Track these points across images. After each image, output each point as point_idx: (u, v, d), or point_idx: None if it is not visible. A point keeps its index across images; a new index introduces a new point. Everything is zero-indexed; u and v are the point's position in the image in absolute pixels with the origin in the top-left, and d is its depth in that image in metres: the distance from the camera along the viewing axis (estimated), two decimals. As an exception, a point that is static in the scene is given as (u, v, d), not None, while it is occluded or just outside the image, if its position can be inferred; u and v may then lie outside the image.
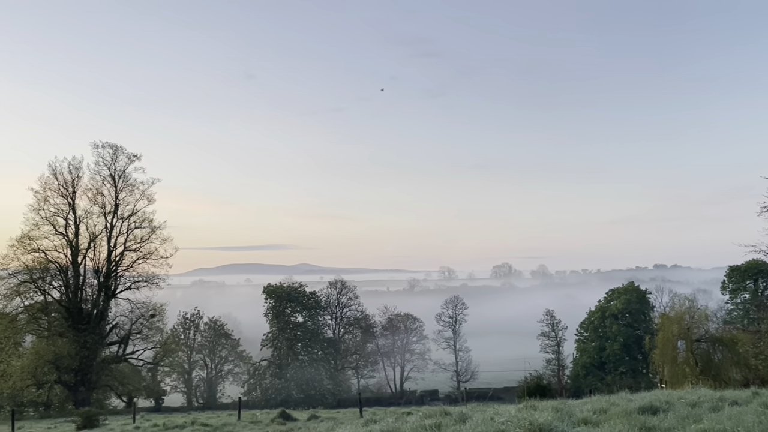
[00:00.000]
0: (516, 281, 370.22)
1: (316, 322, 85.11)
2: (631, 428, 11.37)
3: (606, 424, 11.91)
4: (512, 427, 11.54)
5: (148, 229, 70.31)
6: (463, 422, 13.13)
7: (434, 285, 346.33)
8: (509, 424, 11.93)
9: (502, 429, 11.60)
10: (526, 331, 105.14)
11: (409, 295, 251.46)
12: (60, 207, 67.04)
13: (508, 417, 12.95)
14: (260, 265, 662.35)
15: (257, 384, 78.91)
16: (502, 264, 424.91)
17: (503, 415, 13.72)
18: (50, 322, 67.63)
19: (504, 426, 11.77)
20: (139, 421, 38.01)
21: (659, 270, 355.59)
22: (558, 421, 12.05)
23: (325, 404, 70.43)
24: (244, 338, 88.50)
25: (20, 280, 64.59)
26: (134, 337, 72.06)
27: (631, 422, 11.82)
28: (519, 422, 11.72)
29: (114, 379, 69.21)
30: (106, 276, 68.64)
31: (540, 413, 12.96)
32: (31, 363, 62.81)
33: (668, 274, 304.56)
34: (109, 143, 69.52)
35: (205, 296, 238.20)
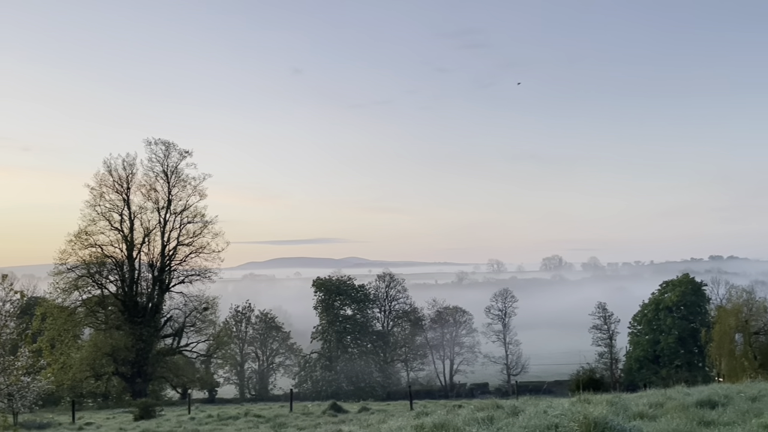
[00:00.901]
0: (566, 274, 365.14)
1: (365, 315, 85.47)
2: (689, 422, 11.13)
3: (663, 419, 11.68)
4: (566, 421, 11.40)
5: (200, 224, 71.57)
6: (516, 415, 13.04)
7: (483, 278, 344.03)
8: (563, 417, 11.79)
9: (555, 422, 11.47)
10: (577, 324, 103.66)
11: (457, 288, 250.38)
12: (115, 203, 68.69)
13: (561, 410, 12.80)
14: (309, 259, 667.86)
15: (308, 376, 79.73)
16: (552, 256, 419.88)
17: (556, 408, 13.57)
18: (107, 316, 69.48)
19: (557, 419, 11.63)
20: (194, 412, 38.78)
21: (715, 261, 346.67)
22: (613, 414, 11.86)
23: (375, 397, 70.79)
24: (294, 331, 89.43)
25: (78, 275, 66.49)
26: (188, 329, 73.58)
27: (689, 416, 11.57)
28: (573, 416, 11.57)
29: (169, 370, 70.77)
30: (160, 270, 70.12)
31: (594, 407, 12.79)
32: (89, 355, 64.70)
33: (724, 265, 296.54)
34: (162, 140, 70.89)
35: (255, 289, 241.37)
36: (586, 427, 10.77)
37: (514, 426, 11.45)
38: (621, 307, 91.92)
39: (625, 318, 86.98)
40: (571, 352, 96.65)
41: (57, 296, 65.79)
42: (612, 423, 11.02)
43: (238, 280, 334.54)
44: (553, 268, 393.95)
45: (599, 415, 11.16)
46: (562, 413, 12.28)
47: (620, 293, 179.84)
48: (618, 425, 11.05)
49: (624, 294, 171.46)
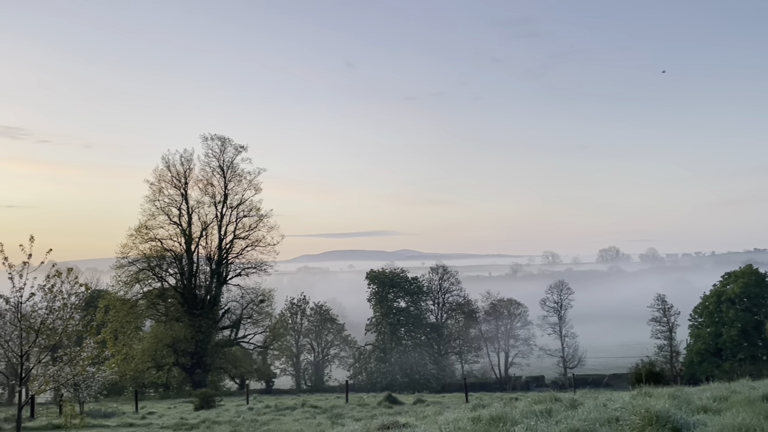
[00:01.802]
0: (624, 265, 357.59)
1: (419, 307, 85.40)
2: (756, 416, 10.79)
3: (728, 413, 11.35)
4: (627, 414, 11.19)
5: (256, 218, 72.64)
6: (575, 408, 12.86)
7: (537, 270, 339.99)
8: (623, 410, 11.58)
9: (616, 416, 11.28)
10: (635, 317, 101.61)
11: (511, 281, 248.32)
12: (174, 198, 70.21)
13: (621, 403, 12.58)
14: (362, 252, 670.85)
15: (362, 368, 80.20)
16: (608, 248, 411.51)
17: (616, 401, 13.34)
18: (167, 308, 71.16)
19: (618, 412, 11.44)
20: (252, 402, 39.45)
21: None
22: (675, 408, 11.60)
23: (430, 389, 70.82)
24: (348, 323, 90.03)
25: (139, 268, 68.27)
26: (245, 321, 74.87)
27: (756, 410, 11.21)
28: (634, 409, 11.35)
29: (227, 361, 72.13)
30: (217, 263, 71.42)
31: (656, 400, 12.52)
32: (150, 346, 66.44)
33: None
34: (218, 135, 72.12)
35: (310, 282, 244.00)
36: (648, 421, 10.56)
37: (573, 419, 11.30)
38: (681, 299, 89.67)
39: (685, 310, 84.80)
40: (628, 345, 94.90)
41: (119, 289, 67.65)
42: (675, 417, 10.77)
43: (293, 272, 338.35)
44: (609, 259, 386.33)
45: (661, 409, 10.92)
46: (623, 406, 12.06)
47: (680, 285, 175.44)
48: (681, 419, 10.80)
49: (684, 286, 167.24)
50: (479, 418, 12.47)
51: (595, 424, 10.78)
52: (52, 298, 20.54)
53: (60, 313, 20.65)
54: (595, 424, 10.78)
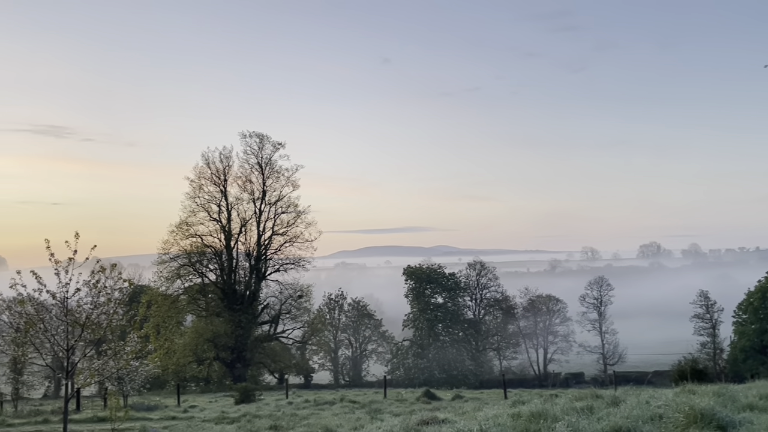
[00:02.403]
0: (665, 261, 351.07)
1: (456, 303, 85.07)
2: (805, 415, 10.56)
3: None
4: (670, 412, 11.04)
5: (294, 214, 73.21)
6: (616, 405, 12.72)
7: (577, 266, 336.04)
8: (667, 408, 11.42)
9: (659, 413, 11.13)
10: (677, 313, 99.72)
11: (550, 276, 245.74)
12: (213, 194, 71.16)
13: (664, 401, 12.40)
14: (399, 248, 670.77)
15: (400, 363, 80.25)
16: (649, 243, 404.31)
17: (659, 398, 13.15)
18: (208, 303, 72.20)
19: (661, 410, 11.29)
20: (291, 397, 39.85)
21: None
22: (720, 406, 11.39)
23: (468, 385, 70.54)
24: (386, 318, 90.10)
25: (180, 264, 69.37)
26: (284, 316, 75.58)
27: (804, 409, 10.97)
28: (677, 407, 11.18)
29: (267, 356, 72.91)
30: (256, 259, 72.18)
31: (700, 398, 12.31)
32: (192, 341, 67.47)
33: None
34: (256, 132, 72.82)
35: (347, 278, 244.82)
36: (692, 419, 10.40)
37: (615, 416, 11.17)
38: (724, 295, 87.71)
39: (729, 307, 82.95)
40: (670, 341, 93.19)
41: (161, 284, 68.84)
42: (720, 414, 10.59)
43: (331, 268, 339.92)
44: (650, 255, 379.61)
45: (706, 406, 10.74)
46: (666, 404, 11.90)
47: (723, 281, 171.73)
48: (726, 417, 10.60)
49: (728, 281, 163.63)
50: (519, 414, 12.41)
51: (638, 422, 10.64)
52: (96, 294, 20.98)
53: (104, 308, 21.08)
54: (638, 422, 10.64)
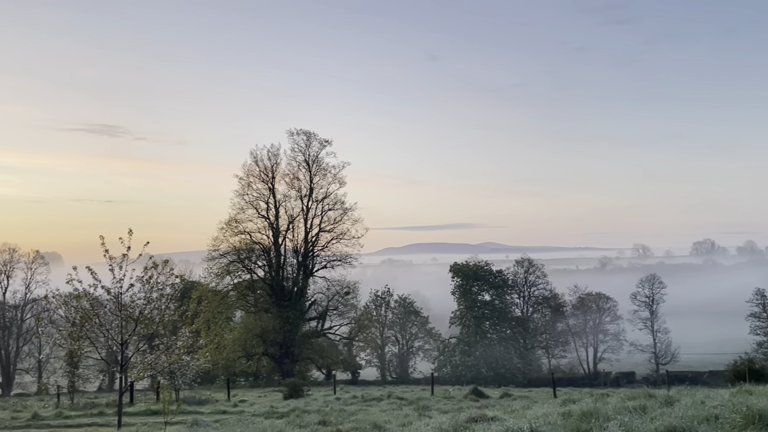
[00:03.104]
0: (720, 258, 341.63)
1: (504, 300, 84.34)
2: None
3: (838, 413, 10.70)
4: (727, 412, 10.73)
5: (340, 211, 73.73)
6: (670, 405, 12.44)
7: (627, 263, 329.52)
8: (723, 408, 11.11)
9: (715, 413, 10.83)
10: (733, 312, 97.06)
11: (600, 274, 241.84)
12: (261, 192, 72.07)
13: (720, 401, 12.07)
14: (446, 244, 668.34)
15: (447, 361, 79.95)
16: (703, 240, 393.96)
17: (714, 399, 12.81)
18: (256, 299, 73.16)
19: (717, 410, 10.98)
20: (339, 393, 40.08)
21: None
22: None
23: (516, 383, 69.91)
24: (432, 315, 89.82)
25: (229, 260, 70.49)
26: (331, 313, 76.14)
27: None
28: (734, 407, 10.86)
29: (314, 352, 73.49)
30: (304, 255, 72.83)
31: (757, 398, 11.94)
32: (241, 336, 68.46)
33: None
34: (303, 130, 73.50)
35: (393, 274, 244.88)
36: (749, 419, 10.08)
37: (669, 416, 10.91)
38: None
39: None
40: (725, 341, 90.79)
41: (211, 280, 70.00)
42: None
43: (377, 265, 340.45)
44: (704, 252, 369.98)
45: (765, 407, 10.40)
46: (722, 404, 11.58)
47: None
48: (787, 419, 10.26)
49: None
50: (570, 413, 12.23)
51: (693, 422, 10.37)
52: (149, 289, 21.44)
53: (157, 304, 21.54)
54: (693, 422, 10.37)
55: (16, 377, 78.74)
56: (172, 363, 22.81)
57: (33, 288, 78.67)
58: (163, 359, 22.12)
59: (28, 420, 26.61)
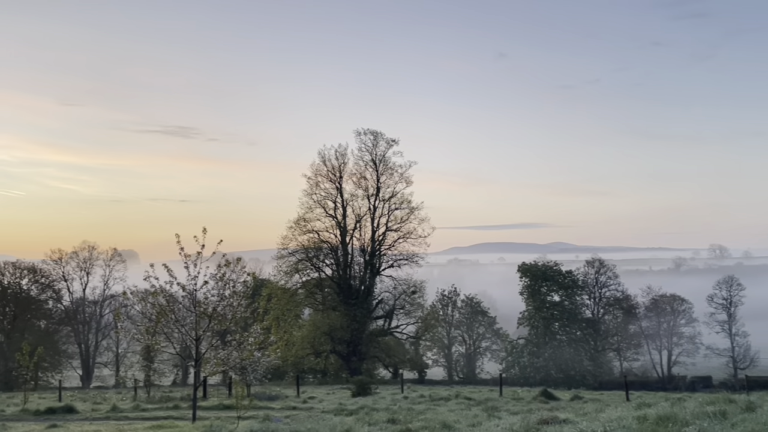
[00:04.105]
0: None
1: (574, 301, 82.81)
2: None
3: None
4: (815, 420, 10.27)
5: (407, 210, 73.76)
6: (752, 411, 11.98)
7: (703, 264, 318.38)
8: (810, 416, 10.63)
9: (802, 421, 10.38)
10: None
11: (674, 275, 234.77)
12: (329, 191, 72.86)
13: (807, 409, 11.55)
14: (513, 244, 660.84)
15: (515, 362, 79.02)
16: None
17: (801, 406, 12.27)
18: (324, 297, 74.02)
19: (804, 418, 10.52)
20: (406, 392, 40.13)
21: None
22: None
23: (586, 385, 68.57)
24: (500, 316, 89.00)
25: (298, 259, 71.56)
26: (398, 312, 76.33)
27: None
28: (823, 415, 10.39)
29: (381, 350, 73.83)
30: (370, 254, 73.25)
31: None
32: (309, 333, 69.38)
33: None
34: (370, 130, 73.94)
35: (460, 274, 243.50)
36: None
37: (751, 422, 10.52)
38: None
39: None
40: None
41: (280, 278, 71.23)
42: None
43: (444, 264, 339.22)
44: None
45: None
46: (809, 412, 11.08)
47: None
48: None
49: None
50: (645, 417, 11.94)
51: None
52: (222, 286, 21.96)
53: (229, 301, 22.04)
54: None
55: (95, 370, 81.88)
56: (243, 359, 23.28)
57: (111, 284, 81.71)
58: (234, 355, 22.61)
59: (107, 412, 27.61)
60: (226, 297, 22.00)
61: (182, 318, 21.74)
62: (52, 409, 27.78)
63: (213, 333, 22.80)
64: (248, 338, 22.92)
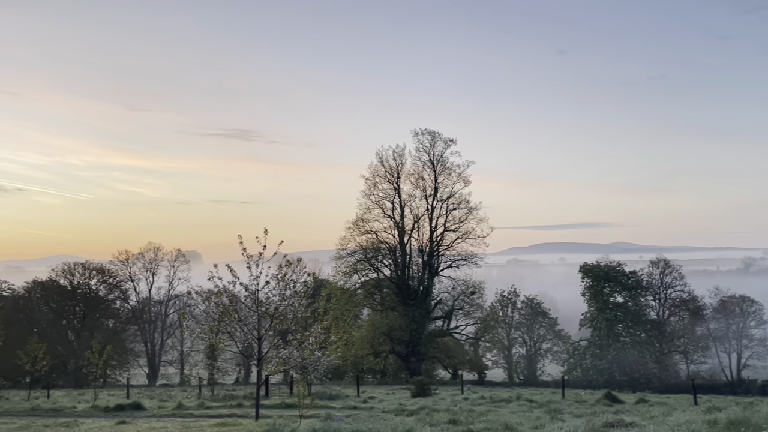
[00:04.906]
0: None
1: (638, 302, 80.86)
2: None
3: None
4: None
5: (465, 210, 73.38)
6: (832, 417, 11.46)
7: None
8: None
9: None
10: None
11: (743, 276, 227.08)
12: (387, 192, 73.04)
13: None
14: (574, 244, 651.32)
15: (577, 364, 77.67)
16: None
17: None
18: (383, 297, 74.30)
19: None
20: (466, 393, 39.91)
21: None
22: None
23: (651, 388, 66.90)
24: (561, 317, 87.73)
25: (357, 259, 72.01)
26: (456, 312, 76.05)
27: None
28: None
29: (440, 351, 73.69)
30: (429, 255, 73.12)
31: None
32: (368, 333, 69.73)
33: None
34: (428, 130, 73.80)
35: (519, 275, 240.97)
36: None
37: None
38: None
39: None
40: None
41: (339, 279, 71.80)
42: None
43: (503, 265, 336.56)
44: None
45: None
46: None
47: None
48: None
49: None
50: (715, 421, 11.59)
51: None
52: (284, 287, 22.24)
53: (291, 301, 22.30)
54: None
55: (161, 368, 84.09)
56: (304, 358, 23.52)
57: (175, 285, 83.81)
58: (296, 354, 22.87)
59: (173, 409, 28.31)
60: (287, 297, 22.25)
61: (245, 317, 22.09)
62: (120, 406, 28.65)
63: (275, 332, 23.10)
64: (309, 338, 23.14)
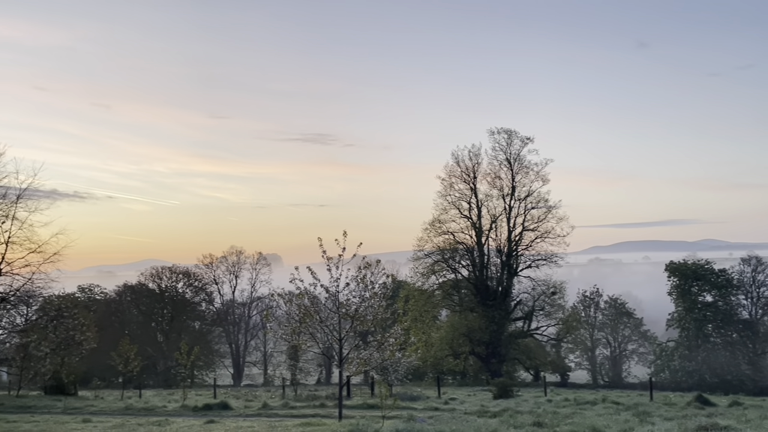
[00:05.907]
0: None
1: (728, 302, 77.56)
2: None
3: None
4: None
5: (544, 209, 72.27)
6: None
7: None
8: None
9: None
10: None
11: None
12: (463, 192, 72.67)
13: None
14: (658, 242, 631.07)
15: (665, 365, 75.10)
16: None
17: None
18: (461, 298, 73.94)
19: None
20: (549, 395, 39.23)
21: None
22: None
23: (745, 391, 64.02)
24: (646, 317, 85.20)
25: (434, 260, 71.91)
26: (537, 313, 74.85)
27: None
28: None
29: (521, 352, 72.69)
30: (507, 255, 72.29)
31: None
32: (447, 335, 69.55)
33: None
34: (504, 128, 73.03)
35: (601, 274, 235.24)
36: None
37: None
38: None
39: None
40: None
41: (417, 280, 71.87)
42: None
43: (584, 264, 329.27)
44: None
45: None
46: None
47: None
48: None
49: None
50: (821, 426, 10.95)
51: None
52: (363, 288, 22.41)
53: (370, 302, 22.45)
54: None
55: (245, 369, 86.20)
56: (385, 359, 23.63)
57: (257, 287, 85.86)
58: (376, 355, 23.00)
59: (258, 409, 28.95)
60: (366, 298, 22.41)
61: (326, 319, 22.37)
62: (208, 406, 29.49)
63: (355, 334, 23.30)
64: (389, 339, 23.23)
